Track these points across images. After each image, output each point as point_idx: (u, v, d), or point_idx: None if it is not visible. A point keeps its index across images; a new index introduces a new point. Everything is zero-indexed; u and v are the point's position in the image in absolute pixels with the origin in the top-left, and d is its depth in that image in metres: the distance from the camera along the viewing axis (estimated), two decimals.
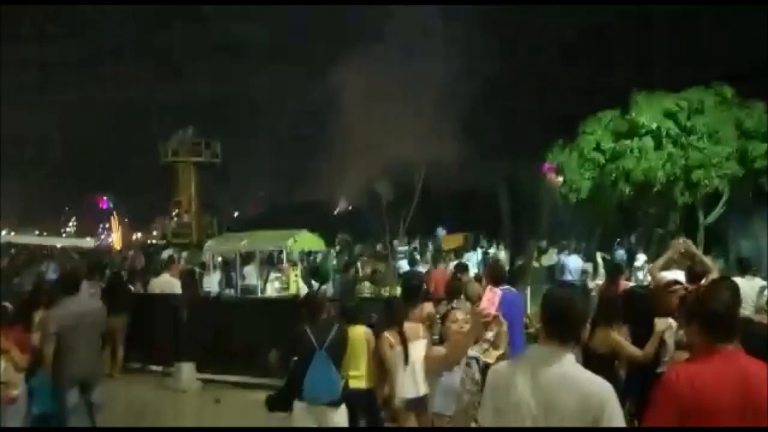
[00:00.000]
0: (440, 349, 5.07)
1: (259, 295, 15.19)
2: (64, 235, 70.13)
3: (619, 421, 2.64)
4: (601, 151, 19.96)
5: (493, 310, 4.51)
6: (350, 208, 46.83)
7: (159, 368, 11.24)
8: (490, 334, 5.11)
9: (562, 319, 2.80)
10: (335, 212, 50.40)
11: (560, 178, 21.56)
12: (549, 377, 2.70)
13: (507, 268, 16.16)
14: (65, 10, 58.16)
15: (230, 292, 16.72)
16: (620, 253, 19.84)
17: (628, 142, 19.25)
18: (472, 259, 18.47)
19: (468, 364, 4.84)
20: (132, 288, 13.14)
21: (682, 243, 6.97)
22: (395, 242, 22.75)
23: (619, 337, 5.43)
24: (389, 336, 5.82)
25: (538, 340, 2.95)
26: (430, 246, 23.66)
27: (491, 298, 4.53)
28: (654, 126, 18.96)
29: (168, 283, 12.23)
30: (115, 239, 61.58)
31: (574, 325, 2.82)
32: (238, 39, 61.66)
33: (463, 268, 11.27)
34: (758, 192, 18.88)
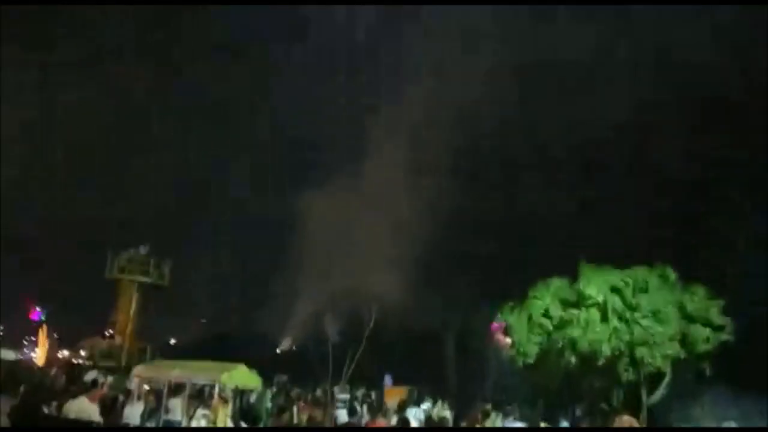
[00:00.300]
0: None
1: None
2: None
3: None
4: (549, 317, 20.30)
5: None
6: (293, 346, 45.44)
7: None
8: None
9: None
10: (277, 348, 48.81)
11: (509, 339, 21.57)
12: None
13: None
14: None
15: (151, 425, 15.47)
16: (563, 424, 19.41)
17: (575, 311, 19.64)
18: (415, 415, 17.73)
19: None
20: (45, 409, 12.04)
21: (627, 420, 6.86)
22: (336, 388, 21.94)
23: None
24: None
25: None
26: (373, 396, 22.82)
27: None
28: (600, 299, 19.44)
29: (84, 408, 11.25)
30: (40, 354, 57.66)
31: None
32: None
33: (404, 423, 10.78)
34: (699, 376, 19.12)
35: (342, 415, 16.21)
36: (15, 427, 6.38)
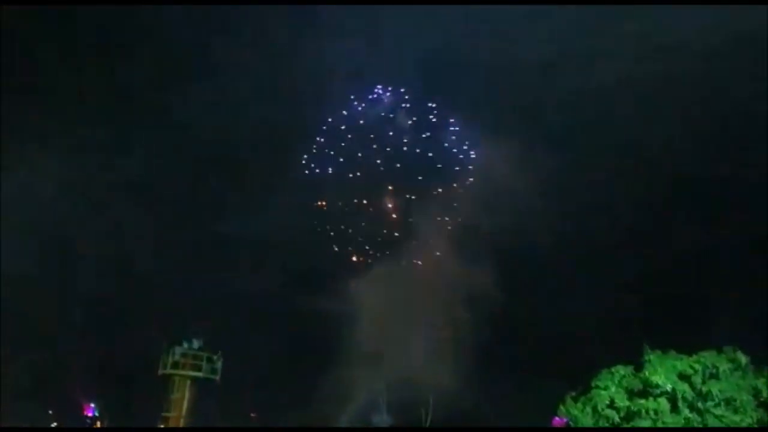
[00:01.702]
0: None
1: None
2: None
3: None
4: (615, 409, 19.49)
5: None
6: None
7: None
8: None
9: None
10: None
11: None
12: None
13: None
14: None
15: None
16: None
17: (642, 401, 18.86)
18: None
19: None
20: None
21: None
22: None
23: None
24: None
25: None
26: None
27: None
28: (669, 388, 18.70)
29: None
30: None
31: None
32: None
33: None
34: None
35: None
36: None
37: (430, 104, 48.27)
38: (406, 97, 48.28)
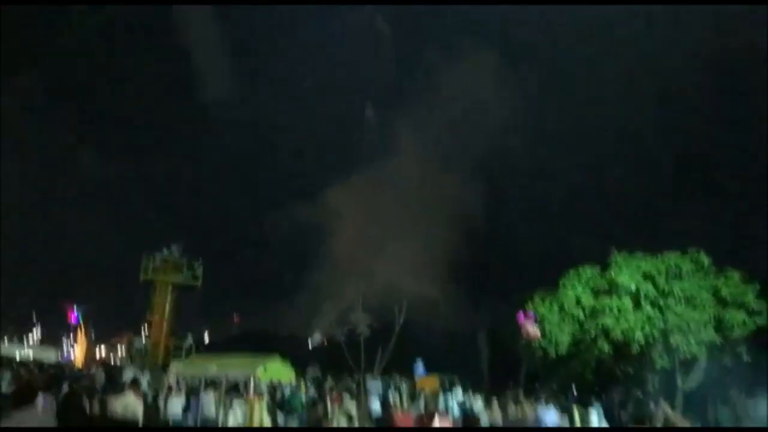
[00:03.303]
0: None
1: (219, 425, 14.42)
2: (28, 343, 67.28)
3: None
4: (580, 307, 20.16)
5: None
6: (325, 340, 45.89)
7: None
8: None
9: None
10: (309, 343, 49.31)
11: (538, 332, 21.46)
12: None
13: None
14: None
15: (190, 419, 15.85)
16: (598, 411, 19.28)
17: (607, 300, 19.46)
18: (449, 403, 17.89)
19: None
20: (88, 406, 12.42)
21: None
22: (369, 378, 22.15)
23: None
24: None
25: None
26: (404, 386, 22.97)
27: None
28: (633, 287, 19.25)
29: (130, 403, 11.60)
30: (78, 354, 59.24)
31: None
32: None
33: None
34: (736, 360, 18.81)
35: (376, 405, 16.36)
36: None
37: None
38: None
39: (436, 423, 4.50)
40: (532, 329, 19.74)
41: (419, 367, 25.13)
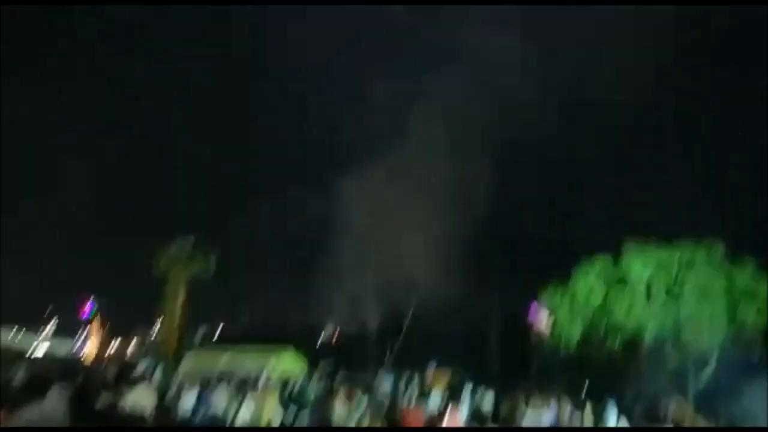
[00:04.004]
0: None
1: (229, 421, 14.41)
2: (43, 334, 68.06)
3: None
4: (592, 300, 19.95)
5: None
6: (336, 334, 46.00)
7: None
8: None
9: None
10: (321, 335, 49.46)
11: (549, 323, 21.32)
12: None
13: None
14: None
15: (201, 413, 15.89)
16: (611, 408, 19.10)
17: (620, 292, 19.27)
18: (461, 398, 17.82)
19: None
20: (99, 400, 12.46)
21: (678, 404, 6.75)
22: (381, 372, 22.17)
23: None
24: None
25: None
26: (416, 379, 22.94)
27: None
28: (646, 276, 19.05)
29: (142, 397, 11.58)
30: (92, 346, 59.78)
31: None
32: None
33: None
34: (748, 353, 18.52)
35: (387, 399, 16.32)
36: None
37: None
38: None
39: (446, 419, 4.45)
40: (543, 324, 19.57)
41: (431, 363, 25.09)
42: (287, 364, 18.45)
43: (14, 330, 60.24)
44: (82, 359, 38.99)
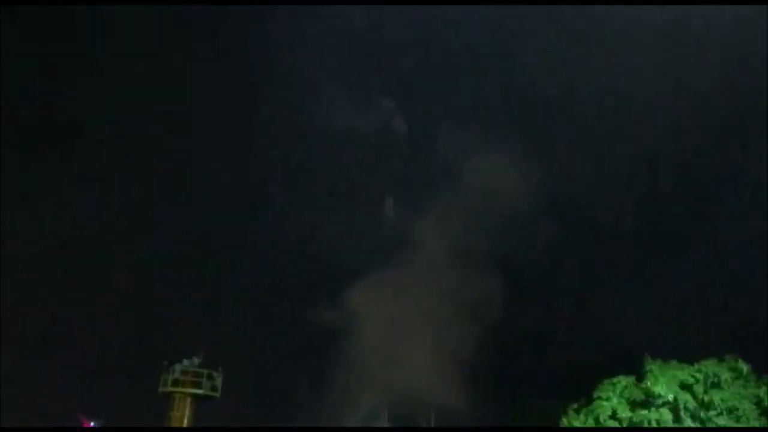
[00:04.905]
0: None
1: None
2: None
3: None
4: (617, 420, 19.36)
5: None
6: None
7: None
8: None
9: None
10: None
11: None
12: None
13: None
14: None
15: None
16: None
17: (645, 412, 18.74)
18: None
19: None
20: None
21: None
22: None
23: None
24: None
25: None
26: None
27: None
28: (671, 397, 18.58)
29: None
30: None
31: None
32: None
33: None
34: None
35: None
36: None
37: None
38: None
39: None
40: None
41: None
42: None
43: None
44: None
